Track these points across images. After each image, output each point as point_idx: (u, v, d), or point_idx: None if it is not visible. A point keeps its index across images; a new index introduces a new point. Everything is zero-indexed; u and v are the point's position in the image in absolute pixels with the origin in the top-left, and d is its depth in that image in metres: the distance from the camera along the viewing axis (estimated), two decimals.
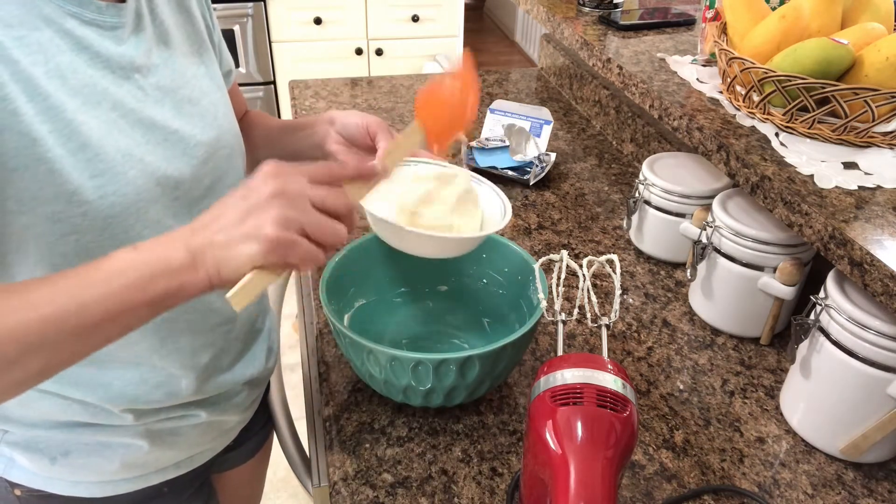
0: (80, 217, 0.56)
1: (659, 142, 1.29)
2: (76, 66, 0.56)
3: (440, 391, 0.72)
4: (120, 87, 0.60)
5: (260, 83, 2.59)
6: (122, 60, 0.60)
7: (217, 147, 0.69)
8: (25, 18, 0.53)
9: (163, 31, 0.66)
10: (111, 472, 0.74)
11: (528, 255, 0.85)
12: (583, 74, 1.59)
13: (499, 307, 0.89)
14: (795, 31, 0.89)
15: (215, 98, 0.71)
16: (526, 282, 0.84)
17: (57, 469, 0.72)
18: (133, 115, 0.60)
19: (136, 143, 0.60)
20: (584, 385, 0.56)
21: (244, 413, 0.86)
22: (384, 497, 0.70)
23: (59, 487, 0.74)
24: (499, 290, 0.89)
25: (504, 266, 0.88)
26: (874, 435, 0.71)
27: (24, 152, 0.52)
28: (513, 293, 0.87)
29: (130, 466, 0.74)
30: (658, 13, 1.34)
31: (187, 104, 0.66)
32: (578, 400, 0.56)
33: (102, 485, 0.75)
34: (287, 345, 2.19)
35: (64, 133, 0.54)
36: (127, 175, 0.58)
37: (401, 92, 1.67)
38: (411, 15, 2.61)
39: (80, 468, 0.72)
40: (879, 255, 0.65)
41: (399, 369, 0.70)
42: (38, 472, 0.73)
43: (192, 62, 0.69)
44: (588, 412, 0.55)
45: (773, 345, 0.93)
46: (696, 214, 0.99)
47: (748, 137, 0.87)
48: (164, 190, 0.62)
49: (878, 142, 0.85)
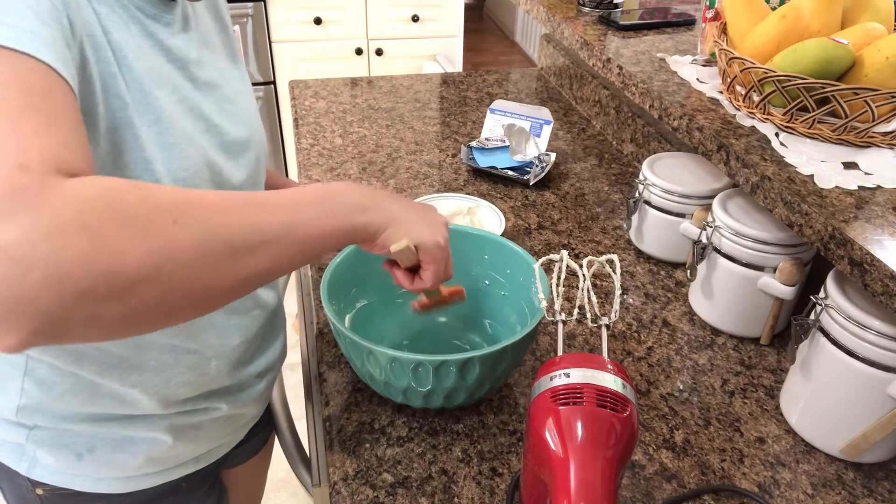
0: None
1: (659, 142, 1.29)
2: (145, 49, 0.60)
3: (440, 392, 0.72)
4: (178, 76, 0.63)
5: (260, 83, 2.59)
6: (178, 52, 0.64)
7: (249, 146, 0.73)
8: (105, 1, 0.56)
9: (205, 34, 0.71)
10: (135, 467, 0.75)
11: (529, 255, 0.85)
12: (583, 74, 1.59)
13: (500, 308, 0.89)
14: (795, 31, 0.89)
15: (248, 100, 0.76)
16: (528, 283, 0.84)
17: (82, 465, 0.73)
18: (187, 101, 0.64)
19: (191, 127, 0.64)
20: (585, 385, 0.56)
21: (260, 406, 0.88)
22: (384, 497, 0.70)
23: (84, 484, 0.75)
24: (500, 291, 0.89)
25: (506, 268, 0.88)
26: (874, 435, 0.71)
27: (119, 114, 0.55)
28: (514, 295, 0.87)
29: (154, 461, 0.76)
30: (658, 13, 1.34)
31: (226, 102, 0.70)
32: (578, 400, 0.56)
33: (126, 480, 0.76)
34: (287, 345, 2.19)
35: (142, 104, 0.58)
36: (188, 152, 0.62)
37: (401, 92, 1.67)
38: (411, 15, 2.61)
39: (105, 464, 0.74)
40: (879, 255, 0.65)
41: (399, 370, 0.70)
42: (64, 470, 0.74)
43: (229, 65, 0.74)
44: (588, 412, 0.55)
45: (773, 345, 0.93)
46: (696, 214, 0.99)
47: (748, 137, 0.87)
48: (211, 174, 0.66)
49: (878, 142, 0.85)
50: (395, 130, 1.48)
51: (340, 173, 1.30)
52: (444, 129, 1.49)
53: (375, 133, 1.46)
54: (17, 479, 0.75)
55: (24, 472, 0.74)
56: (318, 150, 1.38)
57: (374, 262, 0.88)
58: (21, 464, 0.73)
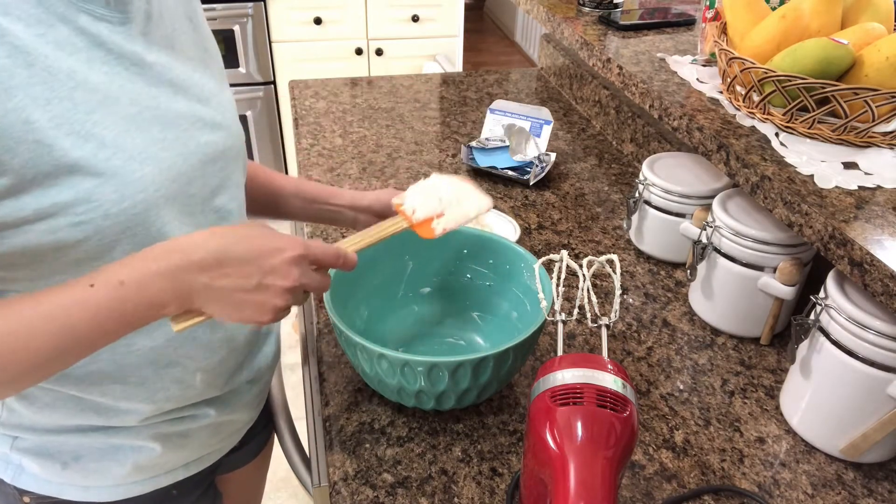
0: (101, 219, 0.57)
1: (659, 142, 1.29)
2: (93, 62, 0.56)
3: (454, 394, 0.72)
4: (134, 83, 0.60)
5: (260, 83, 2.59)
6: (133, 56, 0.60)
7: (225, 147, 0.70)
8: (43, 16, 0.53)
9: (171, 35, 0.66)
10: (123, 475, 0.74)
11: (511, 242, 0.86)
12: (583, 74, 1.59)
13: (487, 299, 0.90)
14: (795, 31, 0.89)
15: (223, 99, 0.72)
16: (515, 270, 0.85)
17: (68, 474, 0.72)
18: (149, 111, 0.60)
19: (152, 140, 0.60)
20: (585, 385, 0.56)
21: (252, 411, 0.86)
22: (384, 497, 0.70)
23: (71, 493, 0.73)
24: (485, 282, 0.90)
25: (488, 258, 0.89)
26: (874, 435, 0.71)
27: (40, 161, 0.52)
28: (501, 284, 0.88)
29: (142, 469, 0.74)
30: (658, 13, 1.34)
31: (197, 103, 0.67)
32: (578, 400, 0.56)
33: (113, 488, 0.75)
34: (287, 345, 2.19)
35: (81, 135, 0.54)
36: (144, 172, 0.59)
37: (401, 92, 1.67)
38: (411, 15, 2.61)
39: (92, 472, 0.72)
40: (879, 255, 0.65)
41: (410, 374, 0.70)
42: (49, 479, 0.72)
43: (198, 67, 0.70)
44: (588, 412, 0.55)
45: (773, 345, 0.93)
46: (696, 214, 0.99)
47: (748, 137, 0.87)
48: (179, 186, 0.63)
49: (878, 142, 0.85)
50: (395, 130, 1.48)
51: (340, 173, 1.30)
52: (444, 129, 1.49)
53: (375, 133, 1.46)
54: (3, 486, 0.73)
55: (10, 480, 0.72)
56: (318, 150, 1.38)
57: (372, 267, 0.88)
58: (6, 472, 0.72)
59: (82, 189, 0.55)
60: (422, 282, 0.93)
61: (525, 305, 0.85)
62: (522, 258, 0.85)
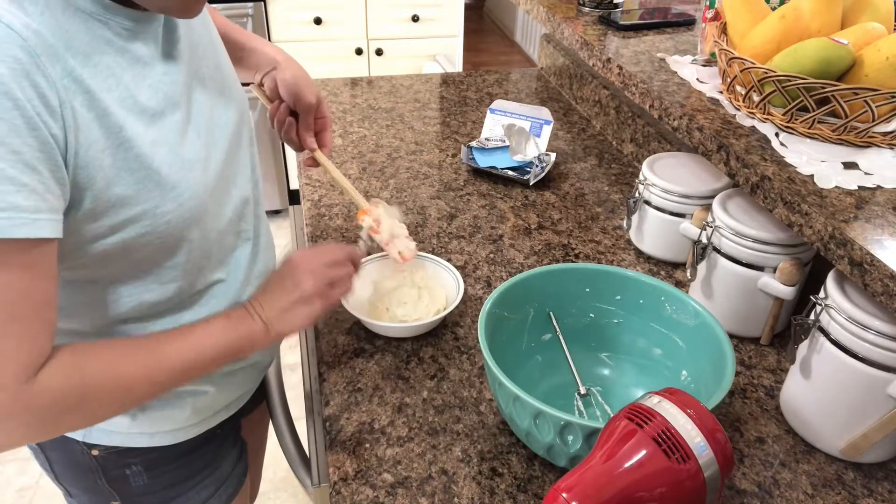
0: (164, 226, 0.64)
1: (659, 142, 1.29)
2: (138, 81, 0.61)
3: None
4: (181, 96, 0.65)
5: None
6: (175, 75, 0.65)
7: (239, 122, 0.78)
8: (93, 43, 0.57)
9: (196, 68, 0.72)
10: (183, 419, 0.80)
11: (639, 273, 0.83)
12: (583, 74, 1.59)
13: (616, 337, 0.86)
14: (795, 31, 0.89)
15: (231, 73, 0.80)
16: (651, 303, 0.82)
17: (136, 424, 0.78)
18: (196, 121, 0.67)
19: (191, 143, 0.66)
20: (657, 414, 0.56)
21: (273, 351, 0.93)
22: (384, 497, 0.70)
23: (139, 441, 0.80)
24: (613, 320, 0.86)
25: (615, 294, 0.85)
26: (874, 435, 0.71)
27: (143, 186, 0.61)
28: (632, 319, 0.84)
29: (198, 411, 0.81)
30: (658, 13, 1.34)
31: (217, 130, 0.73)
32: (643, 423, 0.56)
33: (176, 432, 0.81)
34: (287, 345, 2.19)
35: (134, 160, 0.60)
36: (195, 176, 0.66)
37: (401, 92, 1.67)
38: (411, 15, 2.61)
39: (157, 420, 0.78)
40: (879, 255, 0.65)
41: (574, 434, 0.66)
42: (118, 431, 0.78)
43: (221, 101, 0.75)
44: (640, 438, 0.55)
45: (773, 345, 0.93)
46: (696, 214, 0.99)
47: (748, 137, 0.87)
48: (217, 178, 0.70)
49: (878, 142, 0.85)
50: (395, 130, 1.48)
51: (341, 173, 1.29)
52: (444, 129, 1.49)
53: (375, 133, 1.46)
54: (69, 444, 0.79)
55: (81, 438, 0.78)
56: None
57: (525, 301, 0.83)
58: (77, 431, 0.77)
59: (150, 203, 0.62)
60: (542, 329, 0.86)
61: (674, 341, 0.81)
62: (661, 291, 0.81)
